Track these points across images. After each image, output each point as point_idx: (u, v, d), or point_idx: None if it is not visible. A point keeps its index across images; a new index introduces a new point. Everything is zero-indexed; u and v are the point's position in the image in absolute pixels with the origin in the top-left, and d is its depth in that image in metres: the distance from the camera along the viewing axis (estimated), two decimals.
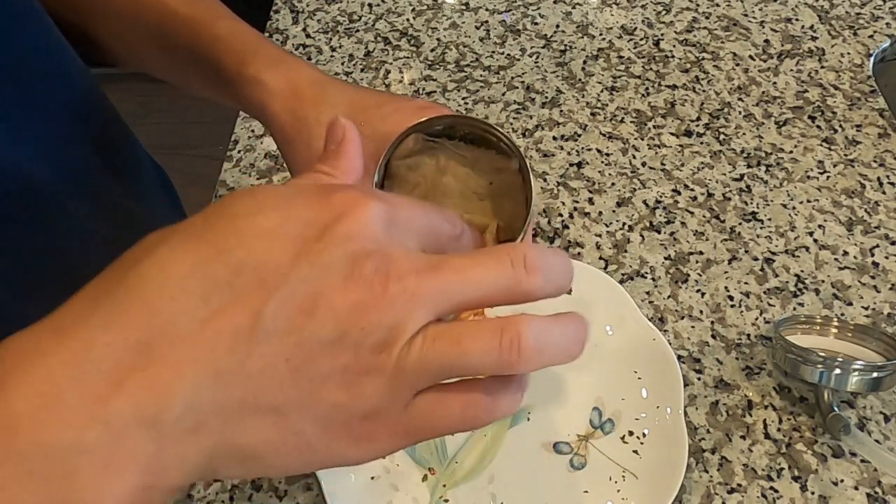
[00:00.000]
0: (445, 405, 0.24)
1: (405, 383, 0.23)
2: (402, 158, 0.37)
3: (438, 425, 0.25)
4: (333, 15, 0.81)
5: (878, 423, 0.50)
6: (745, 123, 0.69)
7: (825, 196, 0.63)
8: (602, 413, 0.50)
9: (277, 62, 0.42)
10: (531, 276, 0.24)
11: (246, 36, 0.44)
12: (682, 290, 0.57)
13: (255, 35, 0.45)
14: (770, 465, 0.49)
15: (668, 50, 0.76)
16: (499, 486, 0.47)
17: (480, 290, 0.24)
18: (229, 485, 0.48)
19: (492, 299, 0.24)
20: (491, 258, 0.24)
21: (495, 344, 0.23)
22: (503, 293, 0.24)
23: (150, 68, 0.51)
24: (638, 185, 0.65)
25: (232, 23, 0.45)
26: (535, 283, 0.24)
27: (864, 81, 0.72)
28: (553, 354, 0.24)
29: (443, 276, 0.23)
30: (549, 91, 0.72)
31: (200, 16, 0.45)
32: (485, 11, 0.80)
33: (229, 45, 0.43)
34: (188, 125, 1.91)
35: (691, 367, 0.53)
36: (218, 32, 0.44)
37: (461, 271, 0.24)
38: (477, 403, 0.25)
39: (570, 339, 0.24)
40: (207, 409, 0.22)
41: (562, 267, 0.25)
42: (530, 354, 0.23)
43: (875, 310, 0.56)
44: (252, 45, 0.43)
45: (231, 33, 0.44)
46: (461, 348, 0.23)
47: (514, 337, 0.23)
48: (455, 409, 0.24)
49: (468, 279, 0.24)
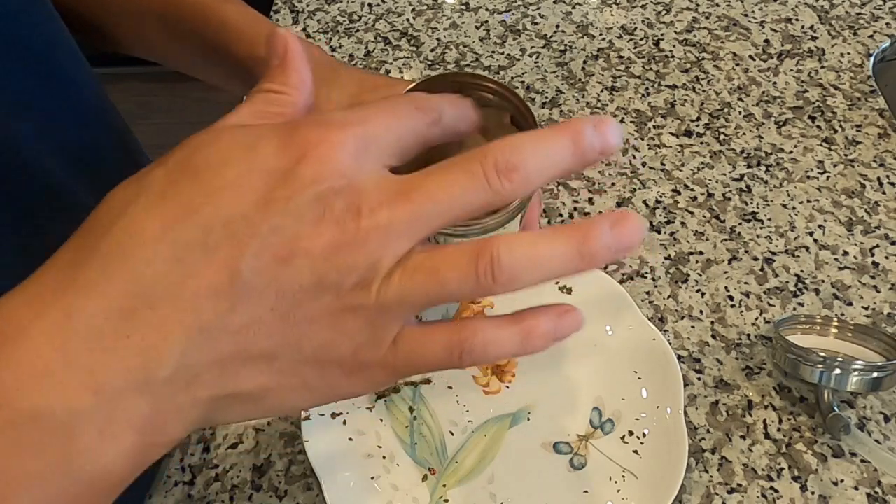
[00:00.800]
0: (430, 340, 0.24)
1: (388, 317, 0.23)
2: None
3: (427, 360, 0.25)
4: (333, 15, 0.81)
5: (878, 423, 0.50)
6: (745, 123, 0.69)
7: (825, 196, 0.63)
8: (602, 413, 0.50)
9: None
10: (507, 179, 0.23)
11: (255, 19, 0.44)
12: (682, 290, 0.57)
13: (264, 19, 0.45)
14: (770, 465, 0.49)
15: (668, 50, 0.76)
16: (499, 486, 0.47)
17: (455, 210, 0.23)
18: (229, 485, 0.48)
19: (471, 213, 0.24)
20: (461, 171, 0.23)
21: (472, 269, 0.23)
22: (480, 205, 0.23)
23: (156, 55, 0.51)
24: (638, 185, 0.65)
25: (240, 7, 0.45)
26: (515, 184, 0.23)
27: (864, 81, 0.72)
28: (534, 274, 0.23)
29: (414, 202, 0.23)
30: (549, 91, 0.72)
31: (208, 1, 0.45)
32: (485, 11, 0.80)
33: (239, 28, 0.43)
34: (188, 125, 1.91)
35: (691, 367, 0.53)
36: (226, 17, 0.44)
37: (432, 194, 0.23)
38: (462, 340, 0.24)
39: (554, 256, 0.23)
40: (198, 366, 0.22)
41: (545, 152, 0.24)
42: (508, 276, 0.23)
43: (875, 310, 0.56)
44: (262, 27, 0.44)
45: (240, 16, 0.44)
46: (439, 277, 0.23)
47: (489, 261, 0.22)
48: (438, 346, 0.24)
49: (440, 200, 0.23)
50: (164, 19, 0.47)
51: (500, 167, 0.23)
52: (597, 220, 0.23)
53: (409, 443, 0.49)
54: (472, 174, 0.23)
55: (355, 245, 0.22)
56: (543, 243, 0.23)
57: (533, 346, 0.25)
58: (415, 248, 0.23)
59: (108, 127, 0.49)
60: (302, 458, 0.49)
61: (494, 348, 0.24)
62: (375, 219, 0.22)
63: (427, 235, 0.23)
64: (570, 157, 0.24)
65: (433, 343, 0.24)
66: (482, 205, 0.23)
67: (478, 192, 0.23)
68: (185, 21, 0.45)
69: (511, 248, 0.23)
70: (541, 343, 0.25)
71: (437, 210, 0.23)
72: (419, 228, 0.23)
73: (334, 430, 0.49)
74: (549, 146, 0.24)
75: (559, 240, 0.23)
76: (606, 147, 0.24)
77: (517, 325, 0.25)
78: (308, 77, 0.28)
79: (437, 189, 0.23)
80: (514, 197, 0.24)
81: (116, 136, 0.51)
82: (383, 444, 0.49)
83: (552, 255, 0.23)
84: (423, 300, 0.23)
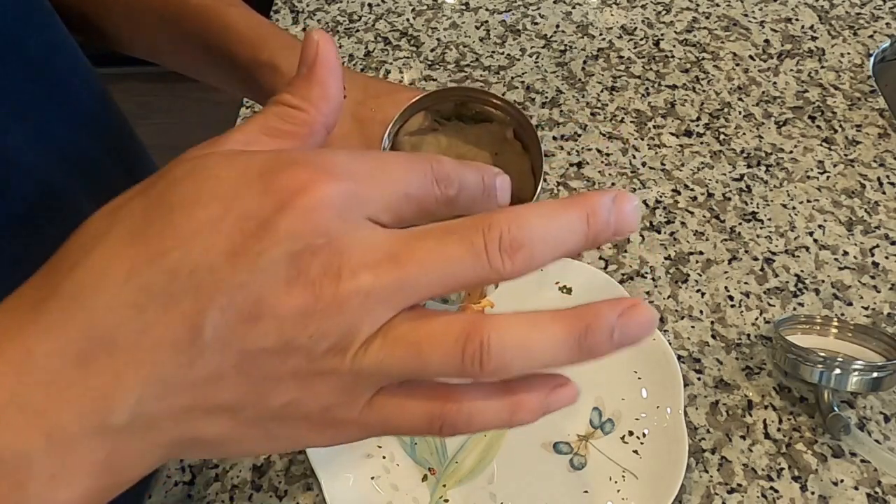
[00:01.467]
0: (409, 406, 0.23)
1: (363, 383, 0.22)
2: (408, 135, 0.38)
3: (404, 427, 0.23)
4: (333, 15, 0.81)
5: (878, 423, 0.50)
6: (745, 123, 0.69)
7: (825, 196, 0.63)
8: (602, 413, 0.50)
9: (291, 47, 0.42)
10: (510, 258, 0.21)
11: (258, 23, 0.44)
12: (682, 290, 0.57)
13: (267, 22, 0.45)
14: (770, 465, 0.49)
15: (668, 50, 0.76)
16: (499, 486, 0.47)
17: (447, 283, 0.21)
18: (229, 485, 0.48)
19: (461, 288, 0.22)
20: (461, 242, 0.21)
21: (458, 353, 0.21)
22: (475, 281, 0.21)
23: (156, 55, 0.51)
24: (638, 185, 0.65)
25: (243, 10, 0.45)
26: (517, 264, 0.21)
27: (864, 81, 0.72)
28: (525, 364, 0.21)
29: (402, 269, 0.21)
30: (549, 91, 0.72)
31: (211, 3, 0.45)
32: (485, 11, 0.80)
33: (241, 31, 0.43)
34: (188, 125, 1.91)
35: (691, 367, 0.53)
36: (229, 20, 0.44)
37: (424, 262, 0.21)
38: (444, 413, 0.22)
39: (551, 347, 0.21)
40: (156, 414, 0.21)
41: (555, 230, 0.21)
42: (496, 365, 0.21)
43: (875, 310, 0.56)
44: (265, 31, 0.43)
45: (243, 20, 0.44)
46: (422, 355, 0.21)
47: (477, 347, 0.20)
48: (417, 414, 0.23)
49: (431, 271, 0.21)
50: (164, 20, 0.47)
51: (504, 244, 0.21)
52: (605, 308, 0.21)
53: (409, 443, 0.49)
54: (472, 248, 0.21)
55: (330, 311, 0.20)
56: (540, 331, 0.21)
57: (520, 420, 0.23)
58: (400, 313, 0.21)
59: (108, 131, 0.49)
60: (302, 458, 0.49)
61: (479, 421, 0.23)
62: (357, 283, 0.20)
63: (413, 304, 0.22)
64: (581, 237, 0.22)
65: (412, 409, 0.23)
66: (477, 280, 0.21)
67: (475, 269, 0.21)
68: (187, 22, 0.45)
69: (502, 335, 0.21)
70: (529, 417, 0.23)
71: (426, 281, 0.21)
72: (404, 298, 0.21)
73: None
74: (561, 223, 0.21)
75: (558, 328, 0.21)
76: (622, 227, 0.22)
77: (506, 399, 0.23)
78: (334, 93, 0.25)
79: (431, 258, 0.21)
80: (512, 277, 0.21)
81: (117, 140, 0.50)
82: (383, 444, 0.49)
83: (548, 345, 0.21)
84: (401, 373, 0.22)
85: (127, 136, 0.53)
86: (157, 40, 0.49)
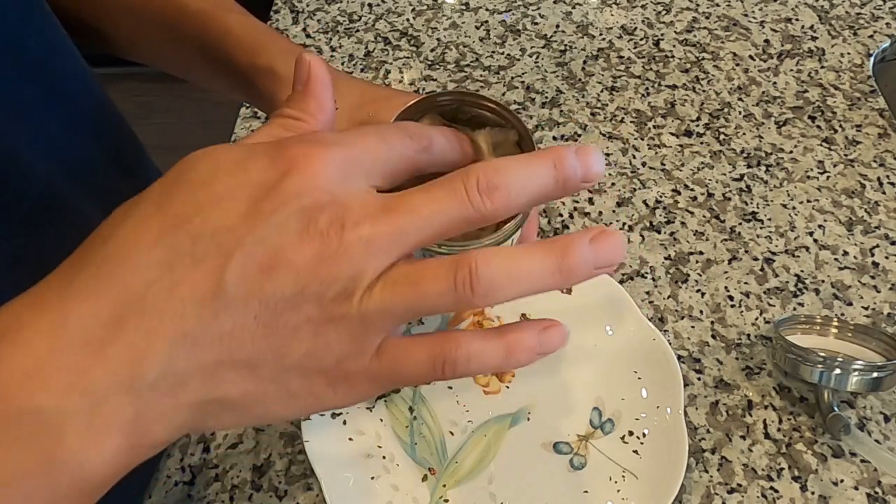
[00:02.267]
0: (414, 352, 0.25)
1: (371, 327, 0.24)
2: None
3: (411, 372, 0.25)
4: (333, 15, 0.81)
5: (878, 423, 0.50)
6: (745, 123, 0.69)
7: (825, 196, 0.63)
8: (602, 413, 0.50)
9: (289, 52, 0.42)
10: (489, 198, 0.24)
11: (256, 28, 0.44)
12: (682, 290, 0.57)
13: (265, 27, 0.45)
14: (770, 465, 0.49)
15: (668, 50, 0.76)
16: (499, 486, 0.47)
17: (436, 226, 0.24)
18: (229, 485, 0.48)
19: (452, 231, 0.24)
20: (444, 189, 0.24)
21: (450, 279, 0.23)
22: (462, 223, 0.24)
23: (155, 59, 0.51)
24: (638, 185, 0.65)
25: (241, 16, 0.45)
26: (497, 204, 0.24)
27: (864, 81, 0.72)
28: (512, 286, 0.24)
29: (397, 218, 0.24)
30: (549, 91, 0.72)
31: (210, 8, 0.45)
32: (485, 11, 0.80)
33: (240, 37, 0.44)
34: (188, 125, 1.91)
35: (691, 367, 0.53)
36: (228, 25, 0.44)
37: (414, 210, 0.24)
38: (446, 352, 0.25)
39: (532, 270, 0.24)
40: (183, 371, 0.23)
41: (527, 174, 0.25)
42: (486, 288, 0.23)
43: (875, 310, 0.56)
44: (263, 36, 0.44)
45: (241, 25, 0.44)
46: (419, 289, 0.24)
47: (466, 272, 0.23)
48: (421, 360, 0.25)
49: (422, 216, 0.24)
50: (163, 24, 0.47)
51: (482, 186, 0.24)
52: (577, 236, 0.24)
53: (409, 443, 0.49)
54: (455, 192, 0.24)
55: (338, 257, 0.23)
56: (522, 257, 0.24)
57: (516, 360, 0.25)
58: (398, 261, 0.24)
59: (108, 132, 0.49)
60: (302, 458, 0.49)
61: (478, 361, 0.25)
62: (358, 232, 0.23)
63: (410, 250, 0.24)
64: (551, 181, 0.25)
65: (417, 354, 0.25)
66: (464, 222, 0.24)
67: (460, 209, 0.24)
68: (185, 27, 0.45)
69: (489, 260, 0.23)
70: (524, 357, 0.25)
71: (419, 225, 0.24)
72: (402, 243, 0.24)
73: (334, 430, 0.49)
74: (532, 169, 0.25)
75: (538, 254, 0.24)
76: (588, 174, 0.25)
77: (501, 339, 0.25)
78: (328, 104, 0.28)
79: (420, 205, 0.24)
80: (496, 216, 0.24)
81: (116, 141, 0.50)
82: (383, 444, 0.49)
83: (530, 268, 0.24)
84: (404, 311, 0.24)
85: (126, 136, 0.53)
86: (155, 45, 0.49)
